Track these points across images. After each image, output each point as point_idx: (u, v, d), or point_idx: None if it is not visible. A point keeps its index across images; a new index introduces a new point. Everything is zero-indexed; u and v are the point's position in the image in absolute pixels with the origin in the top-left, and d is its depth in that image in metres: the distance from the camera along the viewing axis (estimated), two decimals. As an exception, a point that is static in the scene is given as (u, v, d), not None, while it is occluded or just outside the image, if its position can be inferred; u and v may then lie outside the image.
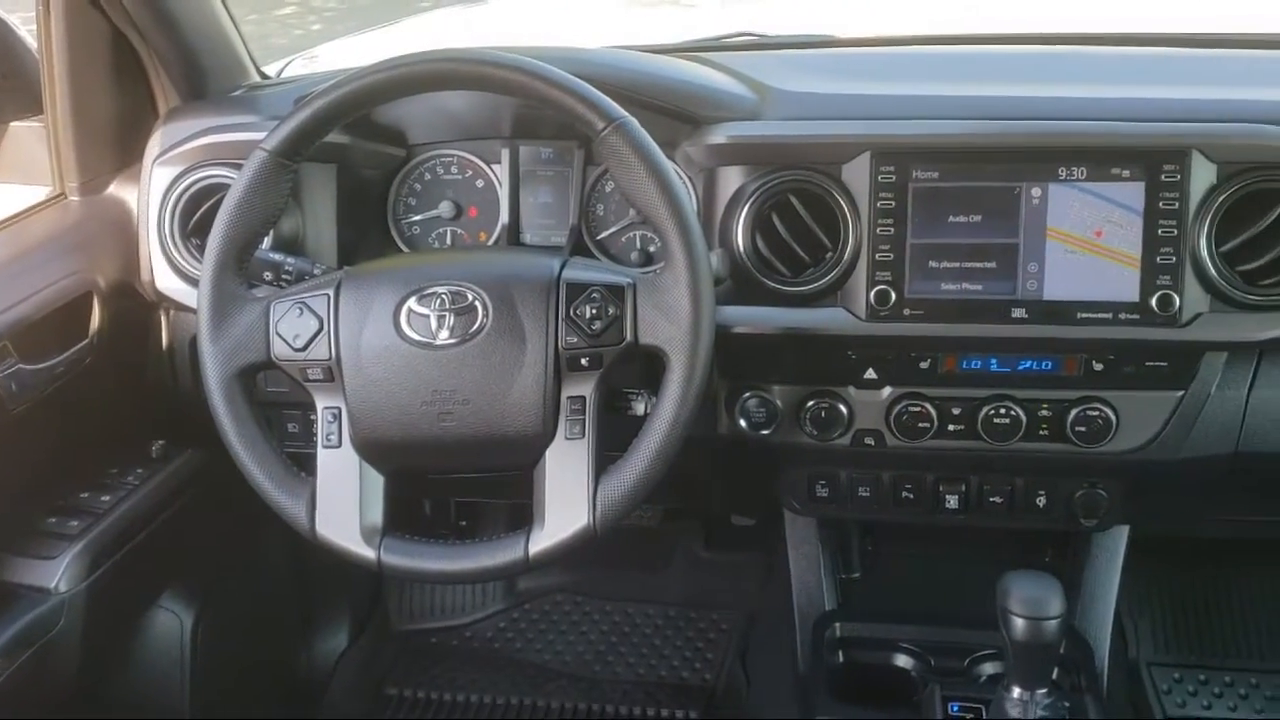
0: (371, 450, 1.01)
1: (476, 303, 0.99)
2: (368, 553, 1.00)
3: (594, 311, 0.98)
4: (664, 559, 2.02)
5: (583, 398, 0.99)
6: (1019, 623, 1.00)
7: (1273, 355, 1.16)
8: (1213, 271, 1.07)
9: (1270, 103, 1.18)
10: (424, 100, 1.10)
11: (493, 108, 1.25)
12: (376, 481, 1.02)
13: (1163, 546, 1.84)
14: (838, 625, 1.36)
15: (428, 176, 1.33)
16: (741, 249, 1.14)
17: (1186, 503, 1.39)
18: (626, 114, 0.99)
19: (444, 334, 0.98)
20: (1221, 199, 1.06)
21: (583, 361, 0.98)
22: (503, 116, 1.28)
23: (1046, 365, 1.15)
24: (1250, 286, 1.08)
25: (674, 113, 1.18)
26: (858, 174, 1.11)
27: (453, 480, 1.11)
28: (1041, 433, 1.17)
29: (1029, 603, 1.00)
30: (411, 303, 0.99)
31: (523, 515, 1.02)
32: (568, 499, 0.98)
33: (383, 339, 0.99)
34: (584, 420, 0.98)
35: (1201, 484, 1.26)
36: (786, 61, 1.39)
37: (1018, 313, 1.10)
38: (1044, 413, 1.17)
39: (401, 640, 1.95)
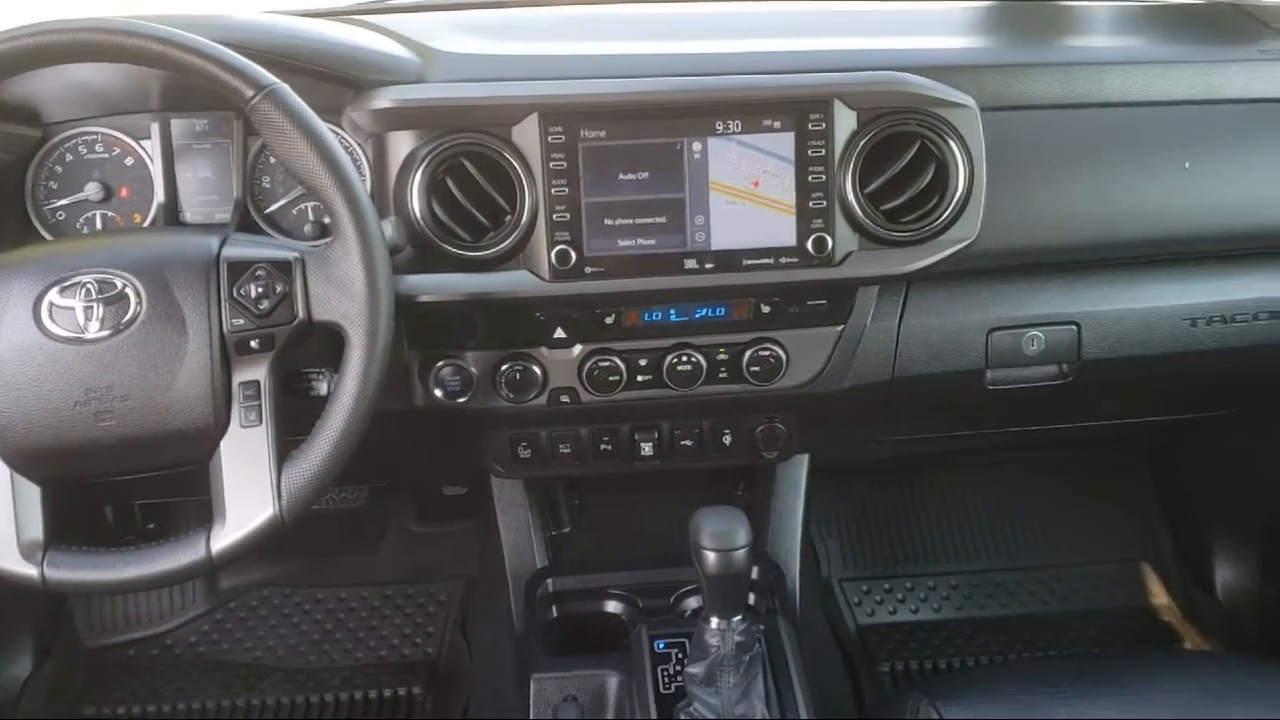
0: (22, 460, 0.92)
1: (128, 290, 0.92)
2: (29, 571, 0.92)
3: (260, 290, 0.93)
4: (375, 538, 1.98)
5: (256, 382, 0.94)
6: (710, 556, 1.04)
7: (918, 287, 1.27)
8: (859, 213, 1.15)
9: (902, 50, 1.28)
10: (56, 74, 1.02)
11: (137, 79, 1.16)
12: (32, 493, 0.93)
13: (844, 470, 1.99)
14: (549, 581, 1.38)
15: (69, 157, 1.22)
16: (418, 215, 1.12)
17: (856, 428, 1.51)
18: (277, 80, 0.94)
19: (94, 326, 0.91)
20: (862, 143, 1.14)
21: (252, 344, 0.94)
22: (149, 88, 1.19)
23: (720, 312, 1.21)
24: (893, 224, 1.16)
25: (332, 77, 1.14)
26: (528, 135, 1.11)
27: (129, 481, 1.04)
28: (721, 376, 1.23)
29: (717, 536, 1.04)
30: (53, 295, 0.91)
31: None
32: (250, 490, 0.93)
33: (23, 337, 0.90)
34: (259, 406, 0.94)
35: (866, 410, 1.37)
36: (452, 23, 1.37)
37: (690, 264, 1.15)
38: (722, 356, 1.23)
39: (94, 658, 1.81)
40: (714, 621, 1.09)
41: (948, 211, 1.16)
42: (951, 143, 1.14)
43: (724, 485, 1.58)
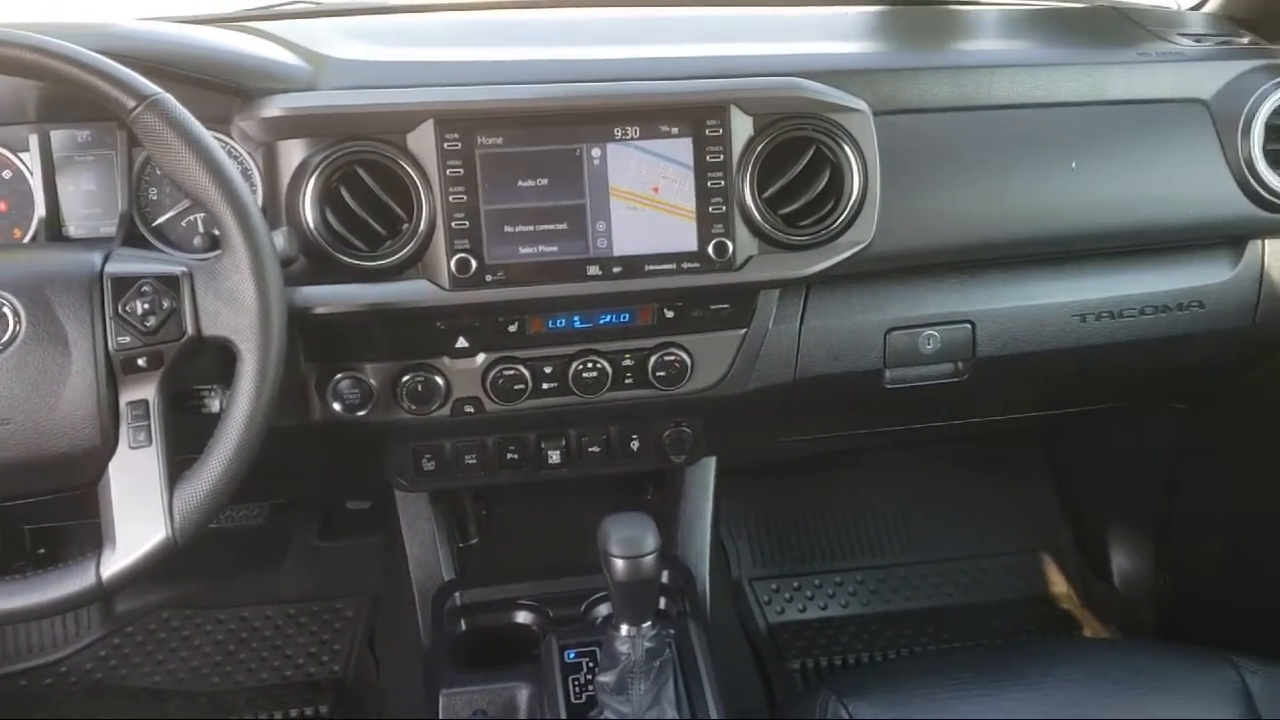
0: None
1: (5, 309, 0.88)
2: None
3: (147, 306, 0.90)
4: (277, 556, 1.94)
5: (145, 402, 0.91)
6: (618, 563, 1.04)
7: (818, 289, 1.29)
8: (758, 217, 1.15)
9: (798, 56, 1.29)
10: (-77, 85, 0.97)
11: (12, 90, 1.12)
12: None
13: (752, 470, 2.00)
14: (457, 594, 1.37)
15: None
16: (311, 225, 1.09)
17: (761, 429, 1.52)
18: (159, 90, 0.92)
19: None
20: (759, 149, 1.15)
21: (140, 362, 0.90)
22: (26, 99, 1.14)
23: (624, 317, 1.21)
24: (792, 228, 1.18)
25: (219, 86, 1.10)
26: (423, 142, 1.10)
27: (17, 506, 0.99)
28: (627, 381, 1.23)
29: (625, 543, 1.04)
30: None
31: None
32: (140, 512, 0.90)
33: None
34: (148, 426, 0.91)
35: (771, 411, 1.38)
36: (343, 29, 1.35)
37: (592, 270, 1.14)
38: (627, 362, 1.23)
39: (-19, 691, 1.74)
40: (624, 629, 1.08)
41: (843, 215, 1.17)
42: (846, 147, 1.16)
43: (633, 490, 1.58)
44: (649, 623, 1.08)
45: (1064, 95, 1.29)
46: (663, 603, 1.35)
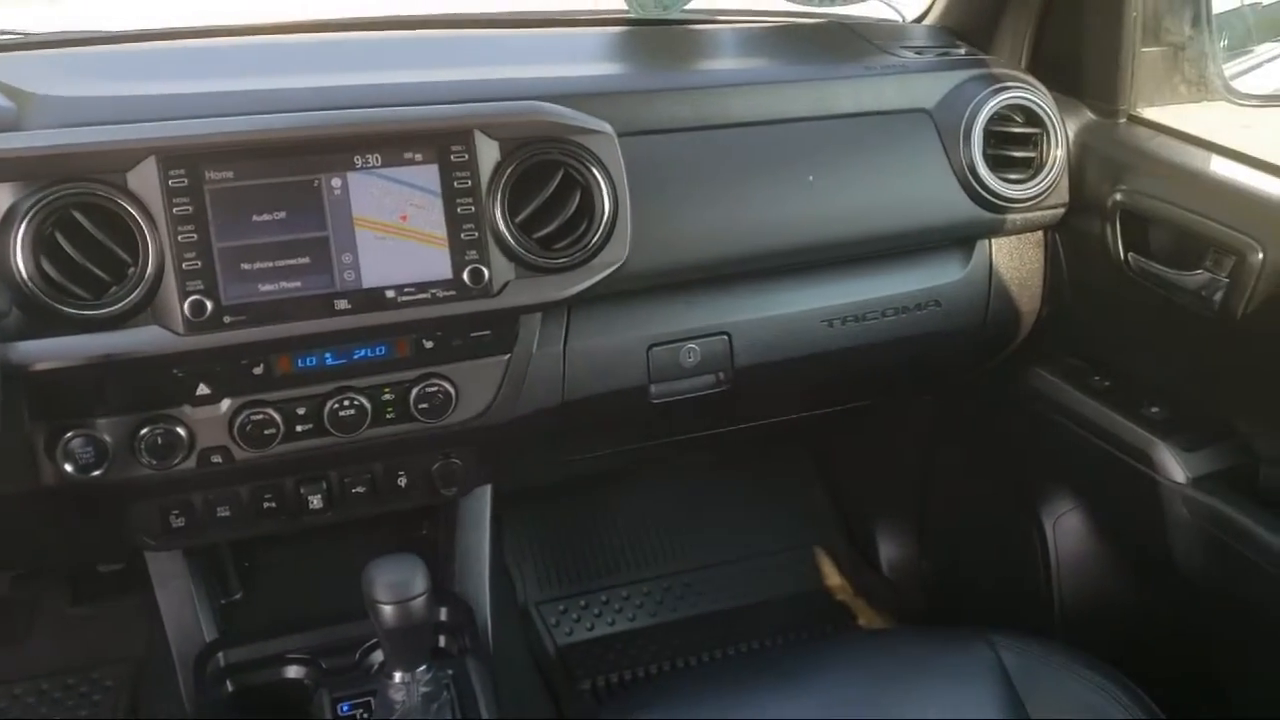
0: None
1: None
2: None
3: None
4: (23, 628, 1.78)
5: None
6: (386, 609, 1.01)
7: (580, 310, 1.29)
8: (512, 242, 1.14)
9: (542, 79, 1.29)
10: None
11: None
12: None
13: (532, 493, 1.99)
14: (221, 655, 1.29)
15: None
16: (25, 276, 1.00)
17: (534, 454, 1.51)
18: None
19: None
20: (508, 173, 1.14)
21: None
22: None
23: (380, 351, 1.17)
24: (547, 251, 1.17)
25: None
26: (145, 181, 1.03)
27: None
28: (388, 416, 1.19)
29: (392, 588, 1.01)
30: None
31: None
32: None
33: None
34: None
35: (542, 435, 1.37)
36: (55, 63, 1.25)
37: (341, 304, 1.10)
38: (387, 397, 1.19)
39: None
40: (397, 675, 1.05)
41: (597, 236, 1.17)
42: (594, 169, 1.16)
43: (406, 526, 1.53)
44: (424, 666, 1.05)
45: (798, 111, 1.34)
46: (442, 641, 1.32)
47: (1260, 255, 1.19)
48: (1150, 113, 1.45)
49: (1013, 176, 1.40)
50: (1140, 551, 1.52)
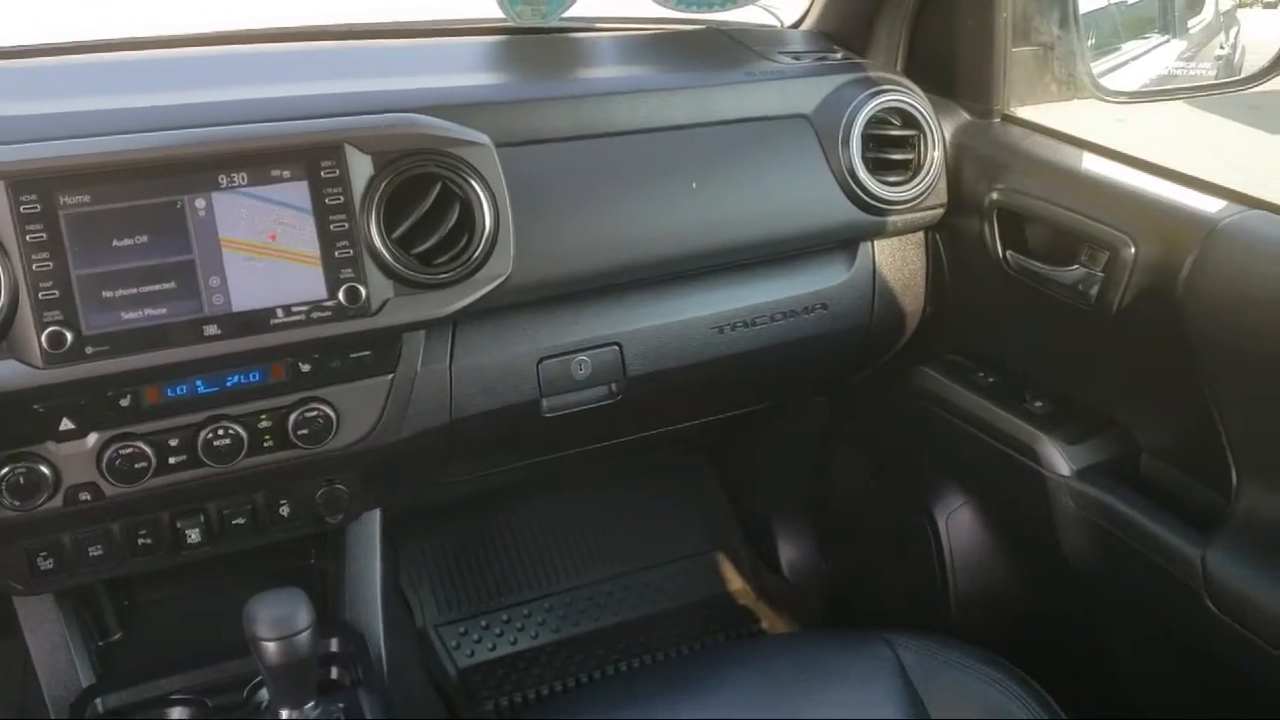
0: None
1: None
2: None
3: None
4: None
5: None
6: (268, 646, 0.97)
7: (465, 326, 1.26)
8: (389, 258, 1.11)
9: (415, 91, 1.26)
10: None
11: None
12: None
13: (427, 513, 1.95)
14: (99, 701, 1.22)
15: None
16: None
17: (424, 474, 1.47)
18: None
19: None
20: (382, 188, 1.10)
21: None
22: None
23: (255, 376, 1.13)
24: (427, 267, 1.13)
25: None
26: None
27: None
28: (266, 444, 1.15)
29: (274, 624, 0.97)
30: None
31: None
32: None
33: None
34: None
35: (432, 455, 1.33)
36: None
37: (210, 329, 1.05)
38: (264, 424, 1.14)
39: None
40: (284, 714, 1.01)
41: (479, 250, 1.14)
42: (473, 181, 1.13)
43: (294, 555, 1.48)
44: (312, 702, 1.01)
45: (680, 118, 1.34)
46: (335, 673, 1.27)
47: (1132, 249, 1.22)
48: (1024, 112, 1.48)
49: (892, 179, 1.42)
50: (1031, 545, 1.55)
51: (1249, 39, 1.59)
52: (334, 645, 1.28)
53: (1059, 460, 1.35)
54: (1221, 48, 1.64)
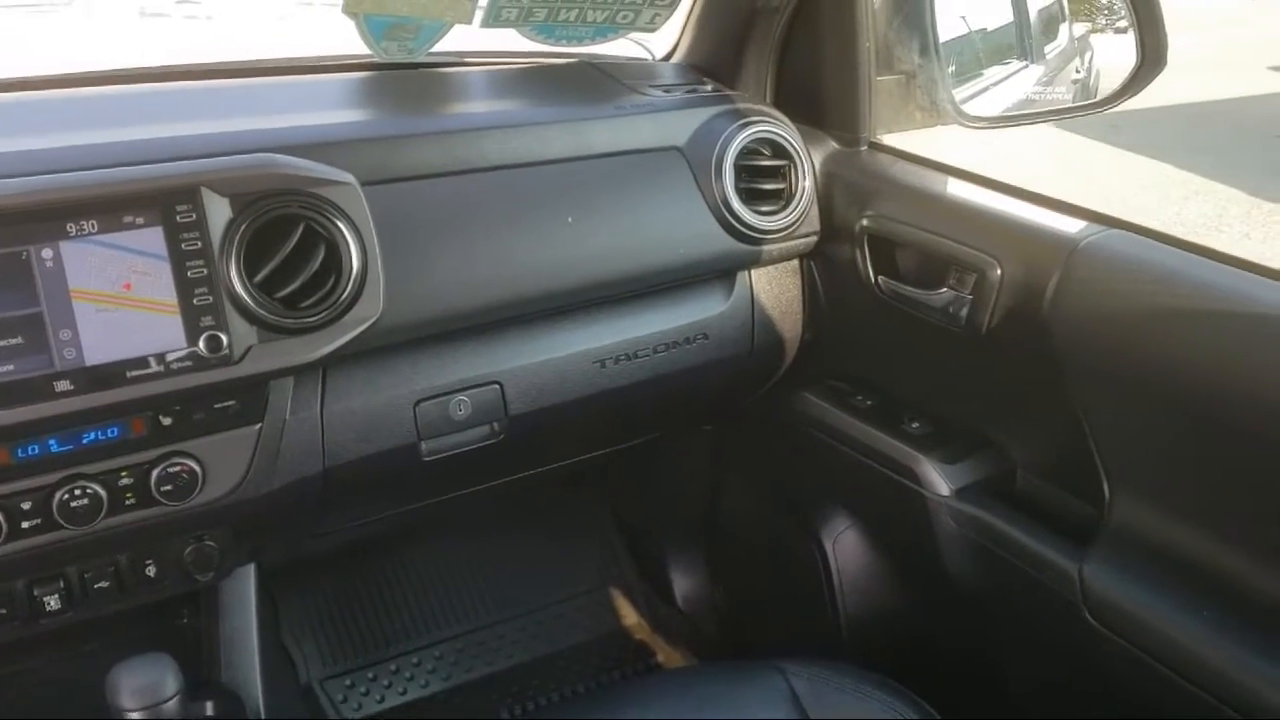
0: None
1: None
2: None
3: None
4: None
5: None
6: (134, 717, 0.91)
7: (336, 371, 1.22)
8: (251, 304, 1.07)
9: (277, 130, 1.22)
10: None
11: None
12: None
13: (308, 564, 1.89)
14: None
15: None
16: None
17: (300, 526, 1.42)
18: None
19: None
20: (242, 230, 1.06)
21: None
22: None
23: (113, 432, 1.07)
24: (292, 311, 1.10)
25: None
26: None
27: None
28: (128, 503, 1.09)
29: (139, 693, 0.92)
30: None
31: None
32: None
33: None
34: None
35: (307, 505, 1.29)
36: None
37: (62, 385, 1.00)
38: (125, 481, 1.09)
39: None
40: (153, 787, 0.95)
41: (346, 292, 1.11)
42: (338, 221, 1.10)
43: (167, 615, 1.41)
44: (182, 772, 0.96)
45: (553, 153, 1.33)
46: (213, 735, 1.22)
47: (998, 271, 1.25)
48: (890, 139, 1.51)
49: (765, 208, 1.43)
50: (915, 565, 1.57)
51: (1102, 62, 1.65)
52: (209, 709, 1.23)
53: (938, 480, 1.37)
54: (1078, 72, 1.70)
